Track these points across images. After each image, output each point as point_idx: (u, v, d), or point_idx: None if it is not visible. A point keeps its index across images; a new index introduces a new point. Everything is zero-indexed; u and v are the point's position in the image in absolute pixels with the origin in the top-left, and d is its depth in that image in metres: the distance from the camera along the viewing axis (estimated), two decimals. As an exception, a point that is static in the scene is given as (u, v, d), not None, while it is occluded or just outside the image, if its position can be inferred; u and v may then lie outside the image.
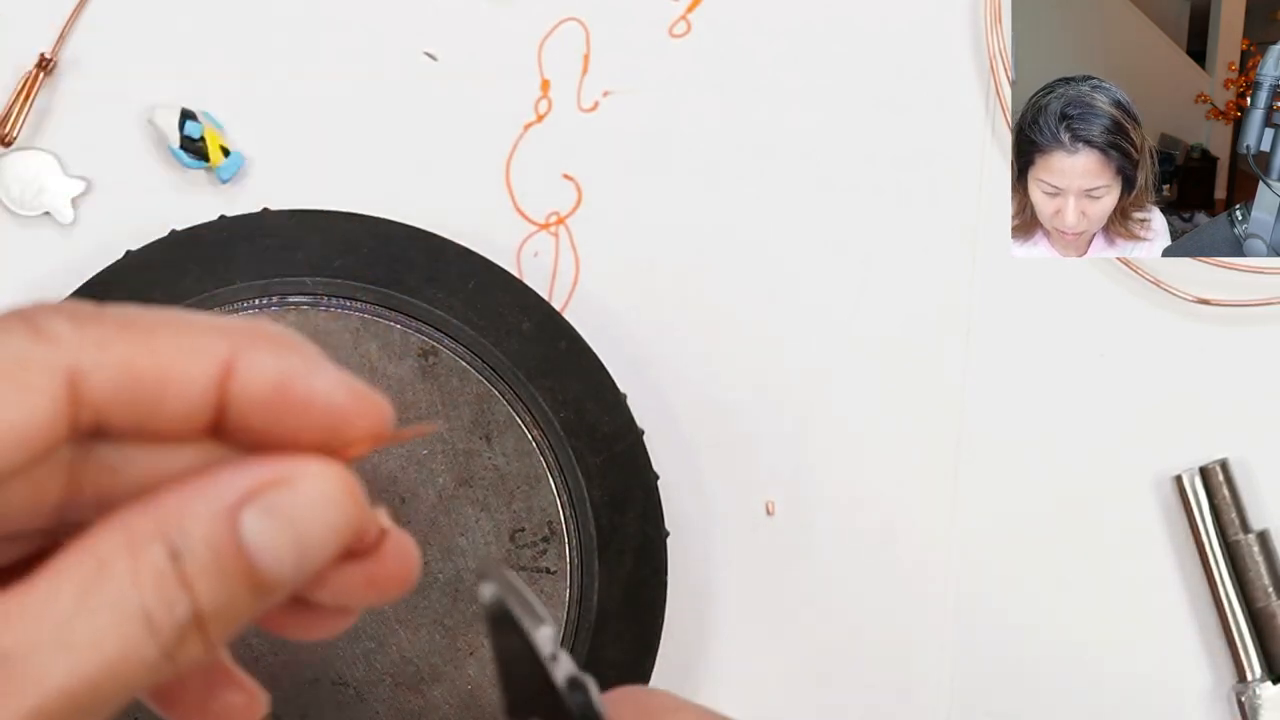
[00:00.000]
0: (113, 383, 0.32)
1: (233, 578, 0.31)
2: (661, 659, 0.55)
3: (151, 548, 0.31)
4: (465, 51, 0.59)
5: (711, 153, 0.59)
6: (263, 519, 0.32)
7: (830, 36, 0.59)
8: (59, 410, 0.32)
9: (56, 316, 0.32)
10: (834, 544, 0.59)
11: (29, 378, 0.31)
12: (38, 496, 0.33)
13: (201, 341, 0.32)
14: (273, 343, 0.33)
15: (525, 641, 0.33)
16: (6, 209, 0.58)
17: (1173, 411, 0.59)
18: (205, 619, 0.31)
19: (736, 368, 0.59)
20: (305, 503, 0.32)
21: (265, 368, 0.32)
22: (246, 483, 0.32)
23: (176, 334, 0.33)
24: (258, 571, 0.32)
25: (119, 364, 0.32)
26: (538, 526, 0.53)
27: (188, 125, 0.58)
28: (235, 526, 0.31)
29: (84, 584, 0.31)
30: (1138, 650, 0.59)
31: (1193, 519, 0.58)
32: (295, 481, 0.32)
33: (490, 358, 0.54)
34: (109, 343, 0.32)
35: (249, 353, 0.33)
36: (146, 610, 0.31)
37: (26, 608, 0.30)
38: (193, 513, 0.32)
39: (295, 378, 0.33)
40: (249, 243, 0.55)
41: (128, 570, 0.31)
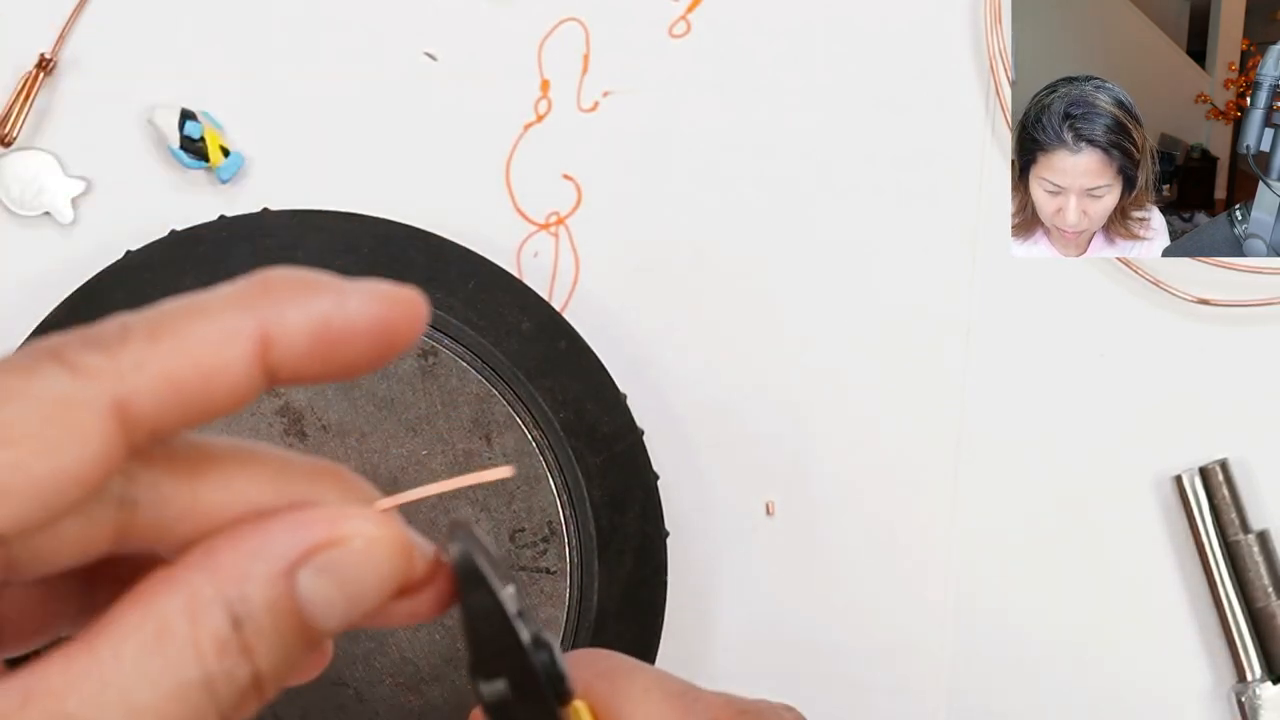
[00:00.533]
0: (158, 398, 0.32)
1: (289, 636, 0.32)
2: (661, 659, 0.55)
3: (213, 612, 0.31)
4: (465, 51, 0.59)
5: (711, 153, 0.59)
6: (318, 578, 0.32)
7: (830, 36, 0.59)
8: (111, 444, 0.32)
9: (86, 349, 0.32)
10: (834, 544, 0.59)
11: (76, 418, 0.32)
12: (94, 522, 0.34)
13: (229, 325, 0.32)
14: (293, 292, 0.33)
15: (493, 599, 0.33)
16: (6, 209, 0.58)
17: (1173, 411, 0.59)
18: (264, 680, 0.32)
19: (736, 368, 0.59)
20: (358, 560, 0.33)
21: (297, 323, 0.32)
22: (302, 542, 0.32)
23: (203, 326, 0.33)
24: (311, 627, 0.32)
25: (159, 378, 0.32)
26: (538, 526, 0.53)
27: (188, 125, 0.58)
28: (293, 587, 0.32)
29: (146, 648, 0.31)
30: (1138, 650, 0.59)
31: (1192, 519, 0.58)
32: (349, 540, 0.33)
33: (490, 358, 0.54)
34: (144, 362, 0.32)
35: (276, 315, 0.33)
36: (209, 677, 0.31)
37: (90, 672, 0.31)
38: (251, 575, 0.32)
39: (329, 318, 0.33)
40: (249, 243, 0.55)
41: (190, 637, 0.31)
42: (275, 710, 0.52)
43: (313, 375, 0.33)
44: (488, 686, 0.34)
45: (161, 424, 0.32)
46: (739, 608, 0.59)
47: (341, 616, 0.33)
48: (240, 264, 0.55)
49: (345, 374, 0.33)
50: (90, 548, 0.33)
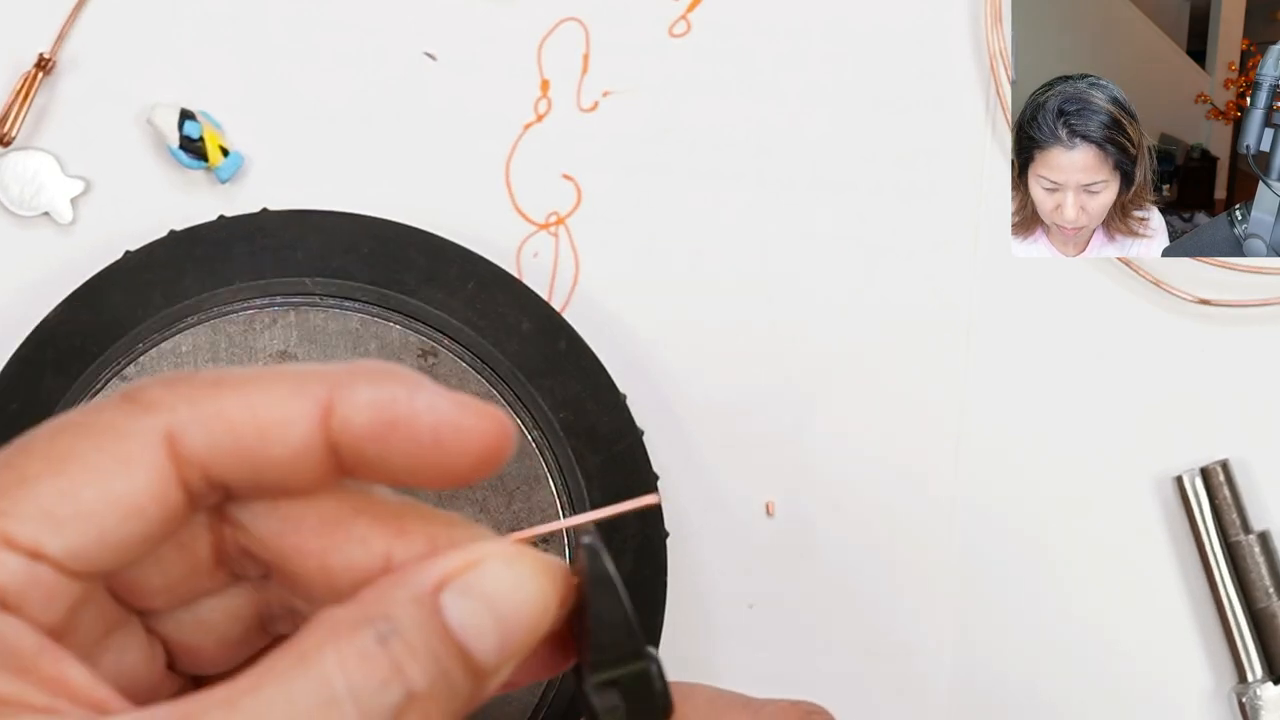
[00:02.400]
0: (211, 437, 0.32)
1: (444, 658, 0.32)
2: (661, 659, 0.55)
3: (359, 633, 0.31)
4: (465, 51, 0.59)
5: (711, 153, 0.59)
6: (461, 599, 0.32)
7: (830, 36, 0.59)
8: (163, 474, 0.32)
9: (151, 384, 0.33)
10: (834, 544, 0.59)
11: (127, 447, 0.32)
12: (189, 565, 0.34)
13: (296, 386, 0.33)
14: (371, 374, 0.33)
15: (620, 606, 0.33)
16: (5, 209, 0.58)
17: (1173, 412, 0.59)
18: (421, 699, 0.31)
19: (736, 368, 0.59)
20: (497, 580, 0.33)
21: (363, 398, 0.33)
22: (440, 570, 0.32)
23: (270, 383, 0.33)
24: (467, 651, 0.32)
25: (213, 418, 0.32)
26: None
27: (187, 125, 0.58)
28: (438, 607, 0.32)
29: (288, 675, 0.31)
30: (1138, 651, 0.59)
31: (1193, 519, 0.58)
32: (483, 562, 0.33)
33: (490, 358, 0.54)
34: (200, 399, 0.32)
35: (347, 389, 0.33)
36: (354, 692, 0.31)
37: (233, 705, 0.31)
38: (395, 599, 0.32)
39: (395, 402, 0.33)
40: (248, 243, 0.55)
41: (334, 657, 0.31)
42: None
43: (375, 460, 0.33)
44: (600, 697, 0.33)
45: (216, 467, 0.32)
46: (739, 608, 0.59)
47: (498, 641, 0.32)
48: (240, 264, 0.55)
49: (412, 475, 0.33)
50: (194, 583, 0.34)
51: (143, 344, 0.53)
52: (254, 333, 0.53)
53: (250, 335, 0.53)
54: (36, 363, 0.54)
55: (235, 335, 0.53)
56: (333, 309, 0.54)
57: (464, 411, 0.33)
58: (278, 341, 0.53)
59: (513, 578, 0.33)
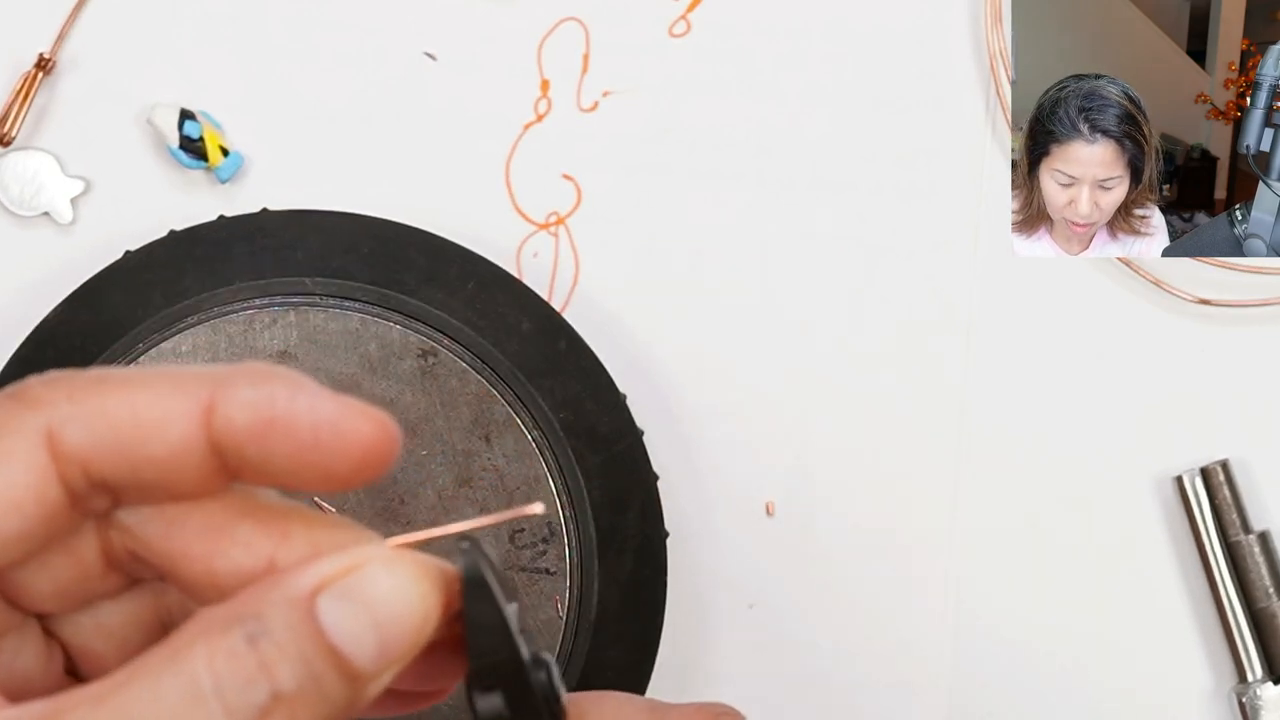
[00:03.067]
0: (92, 434, 0.32)
1: (315, 661, 0.32)
2: (661, 659, 0.55)
3: (229, 633, 0.31)
4: (465, 51, 0.59)
5: (711, 153, 0.59)
6: (338, 603, 0.32)
7: (830, 36, 0.59)
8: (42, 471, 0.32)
9: (35, 382, 0.33)
10: (834, 544, 0.59)
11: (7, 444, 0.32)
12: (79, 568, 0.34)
13: (176, 385, 0.33)
14: (253, 375, 0.33)
15: (496, 612, 0.33)
16: (5, 209, 0.58)
17: (1173, 412, 0.59)
18: (287, 700, 0.31)
19: (736, 368, 0.59)
20: (375, 584, 0.32)
21: (244, 399, 0.33)
22: (319, 573, 0.32)
23: (152, 382, 0.33)
24: (342, 656, 0.32)
25: (94, 415, 0.32)
26: (537, 527, 0.53)
27: (187, 125, 0.58)
28: (314, 612, 0.32)
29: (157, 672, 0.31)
30: (1138, 651, 0.59)
31: (1193, 519, 0.58)
32: (364, 566, 0.32)
33: (490, 358, 0.54)
34: (82, 397, 0.32)
35: (228, 389, 0.33)
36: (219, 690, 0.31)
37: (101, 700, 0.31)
38: (269, 600, 0.32)
39: (275, 401, 0.33)
40: (248, 242, 0.55)
41: (203, 655, 0.31)
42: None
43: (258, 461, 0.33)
44: (484, 700, 0.33)
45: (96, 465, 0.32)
46: (739, 608, 0.59)
47: (376, 647, 0.32)
48: (240, 264, 0.55)
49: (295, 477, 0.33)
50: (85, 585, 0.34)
51: (143, 344, 0.53)
52: (254, 332, 0.53)
53: (250, 335, 0.53)
54: (37, 363, 0.54)
55: (235, 335, 0.53)
56: (333, 309, 0.54)
57: (345, 412, 0.33)
58: (278, 341, 0.53)
59: (392, 582, 0.32)
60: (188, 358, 0.53)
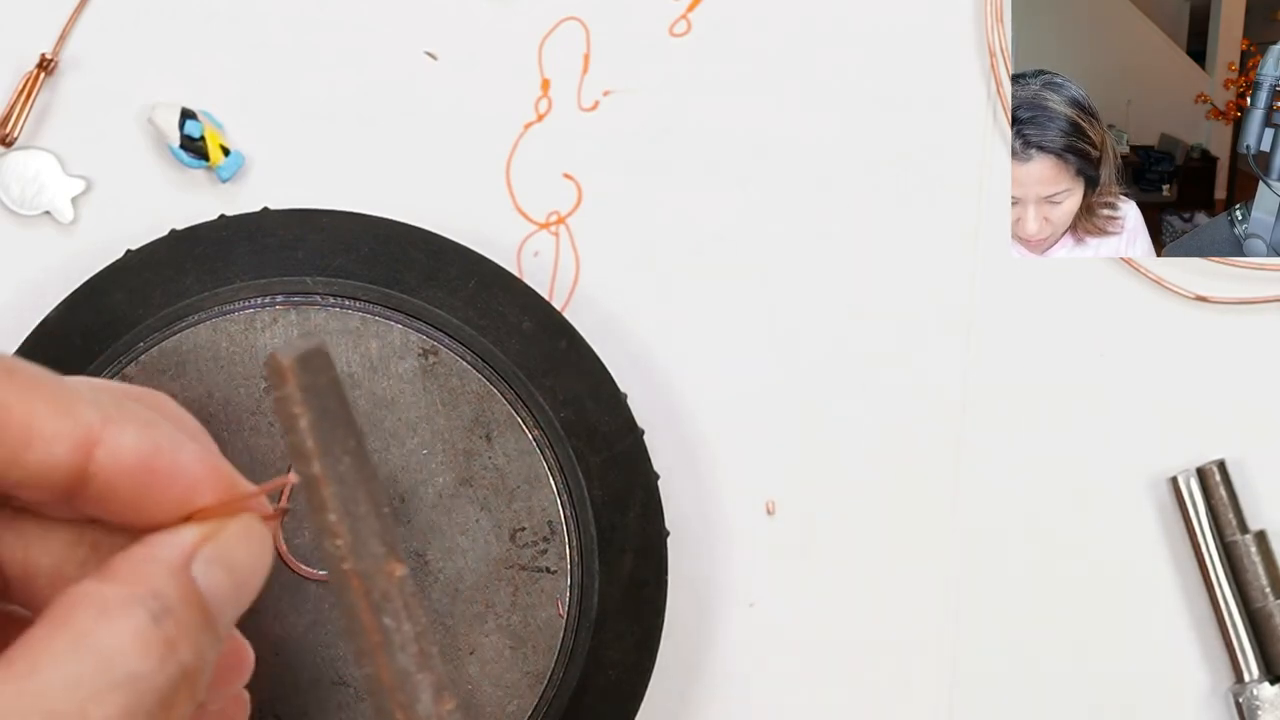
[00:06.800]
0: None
1: (201, 628, 0.33)
2: (662, 659, 0.55)
3: (133, 613, 0.32)
4: (465, 51, 0.59)
5: (711, 153, 0.59)
6: (210, 567, 0.33)
7: (830, 35, 0.59)
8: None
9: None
10: (834, 544, 0.59)
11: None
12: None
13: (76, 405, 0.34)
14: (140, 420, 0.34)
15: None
16: (6, 208, 0.58)
17: (1173, 412, 0.59)
18: (191, 673, 0.32)
19: (736, 367, 0.59)
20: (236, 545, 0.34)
21: (133, 441, 0.34)
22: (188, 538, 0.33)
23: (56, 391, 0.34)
24: (213, 617, 0.33)
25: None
26: (538, 526, 0.53)
27: (188, 125, 0.58)
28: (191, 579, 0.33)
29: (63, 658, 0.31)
30: (1135, 651, 0.59)
31: (1189, 520, 0.58)
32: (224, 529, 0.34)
33: (490, 357, 0.54)
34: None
35: (118, 425, 0.34)
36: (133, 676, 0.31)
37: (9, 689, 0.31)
38: (159, 574, 0.33)
39: (161, 453, 0.34)
40: (249, 242, 0.55)
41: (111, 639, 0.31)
42: (276, 710, 0.52)
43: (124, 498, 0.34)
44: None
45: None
46: (739, 608, 0.59)
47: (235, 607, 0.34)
48: (241, 263, 0.55)
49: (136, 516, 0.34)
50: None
51: (144, 343, 0.53)
52: (255, 332, 0.53)
53: (251, 334, 0.53)
54: (38, 362, 0.54)
55: (236, 334, 0.53)
56: (334, 308, 0.54)
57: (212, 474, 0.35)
58: (279, 340, 0.53)
59: (251, 542, 0.34)
60: (189, 357, 0.53)
